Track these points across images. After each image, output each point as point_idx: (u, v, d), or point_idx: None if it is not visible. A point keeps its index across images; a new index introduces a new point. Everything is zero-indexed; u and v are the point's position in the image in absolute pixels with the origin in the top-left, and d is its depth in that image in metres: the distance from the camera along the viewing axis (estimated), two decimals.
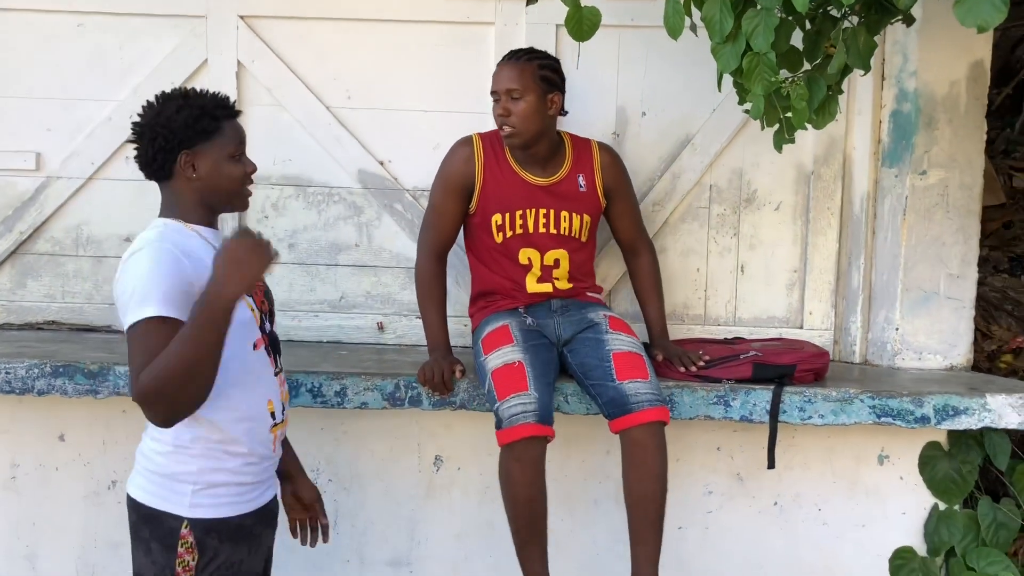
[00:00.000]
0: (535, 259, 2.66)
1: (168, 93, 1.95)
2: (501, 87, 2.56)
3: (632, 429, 2.42)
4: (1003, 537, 2.88)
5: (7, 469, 2.94)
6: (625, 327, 2.64)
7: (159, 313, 1.75)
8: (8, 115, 3.07)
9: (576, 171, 2.67)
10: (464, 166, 2.66)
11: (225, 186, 1.94)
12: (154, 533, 1.88)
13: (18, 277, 3.12)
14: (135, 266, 1.80)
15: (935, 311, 2.97)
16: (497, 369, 2.47)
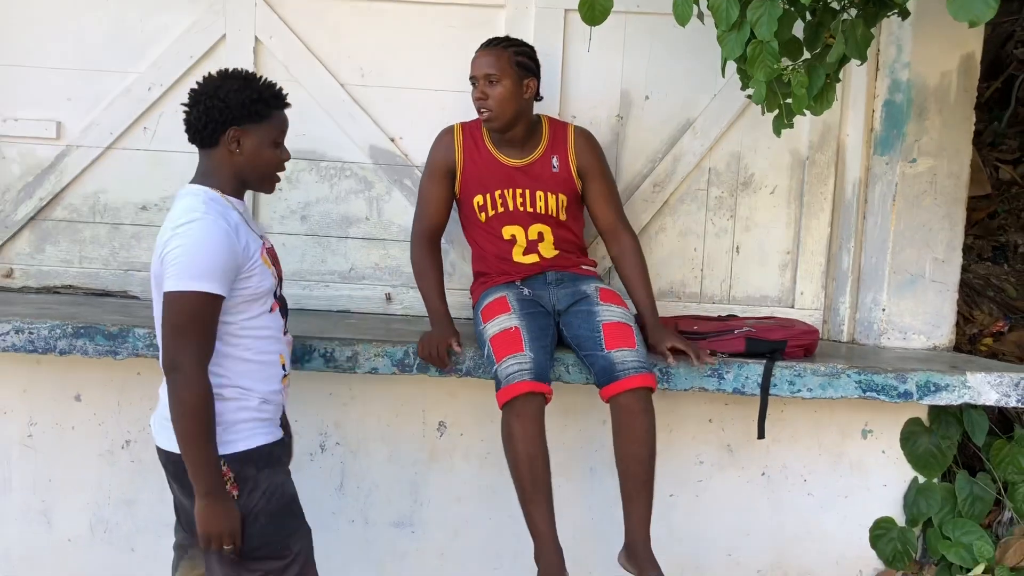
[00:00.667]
0: (519, 234, 2.76)
1: (231, 71, 2.09)
2: (479, 72, 2.66)
3: (620, 395, 2.52)
4: (979, 509, 3.02)
5: (25, 428, 3.03)
6: (616, 298, 2.73)
7: (208, 290, 1.90)
8: (30, 85, 3.14)
9: (551, 153, 2.76)
10: (445, 152, 2.78)
11: (261, 168, 2.08)
12: (180, 474, 2.00)
13: (37, 242, 3.20)
14: (191, 235, 1.92)
15: (920, 293, 3.09)
16: (495, 335, 2.58)
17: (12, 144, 3.17)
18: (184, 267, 1.90)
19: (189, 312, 1.90)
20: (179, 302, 1.90)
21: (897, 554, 3.04)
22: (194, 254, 1.90)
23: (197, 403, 1.91)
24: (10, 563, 3.06)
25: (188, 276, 1.89)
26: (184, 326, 1.91)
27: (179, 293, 1.90)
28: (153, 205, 3.18)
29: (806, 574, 3.12)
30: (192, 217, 1.95)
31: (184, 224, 1.94)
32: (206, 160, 2.07)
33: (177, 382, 1.91)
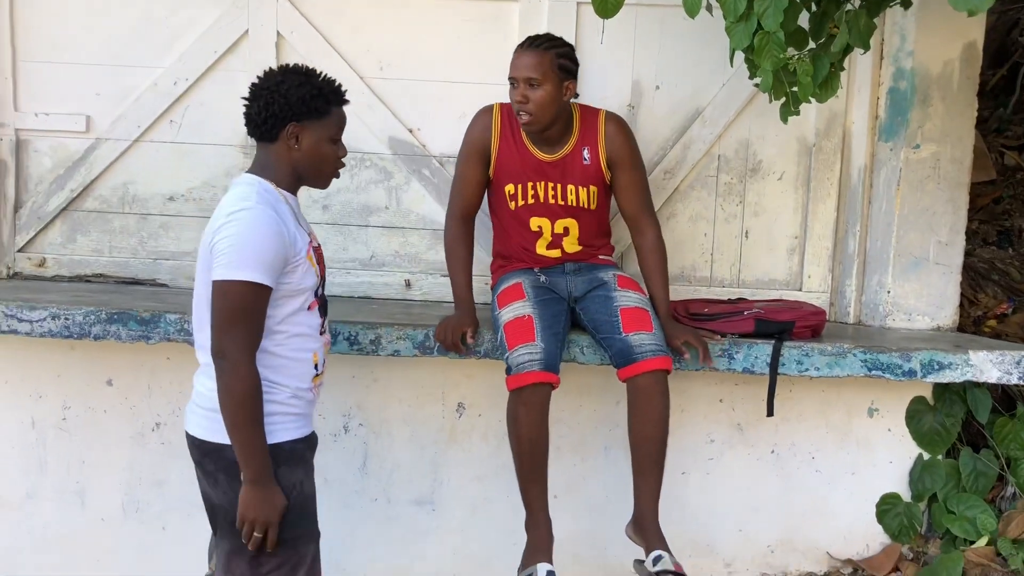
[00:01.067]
0: (545, 227, 2.79)
1: (291, 67, 2.10)
2: (520, 75, 2.62)
3: (637, 377, 2.61)
4: (982, 484, 3.11)
5: (59, 411, 3.15)
6: (633, 284, 2.78)
7: (257, 280, 1.92)
8: (60, 80, 3.24)
9: (581, 145, 2.76)
10: (482, 134, 2.79)
11: (318, 164, 2.09)
12: (219, 465, 2.02)
13: (68, 232, 3.31)
14: (242, 224, 1.94)
15: (924, 276, 3.18)
16: (508, 322, 2.65)
17: (43, 138, 3.27)
18: (234, 256, 1.91)
19: (238, 301, 1.92)
20: (229, 291, 1.92)
21: (903, 528, 3.13)
22: (244, 244, 1.92)
23: (245, 391, 1.92)
24: (46, 541, 3.18)
25: (238, 266, 1.91)
26: (233, 315, 1.92)
27: (229, 282, 1.92)
28: (180, 196, 3.28)
29: (814, 549, 3.21)
30: (244, 206, 1.96)
31: (235, 212, 1.95)
32: (264, 153, 2.09)
33: (225, 370, 1.93)
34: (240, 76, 3.20)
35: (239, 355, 1.92)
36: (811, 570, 3.22)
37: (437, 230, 3.28)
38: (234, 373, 1.92)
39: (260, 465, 1.95)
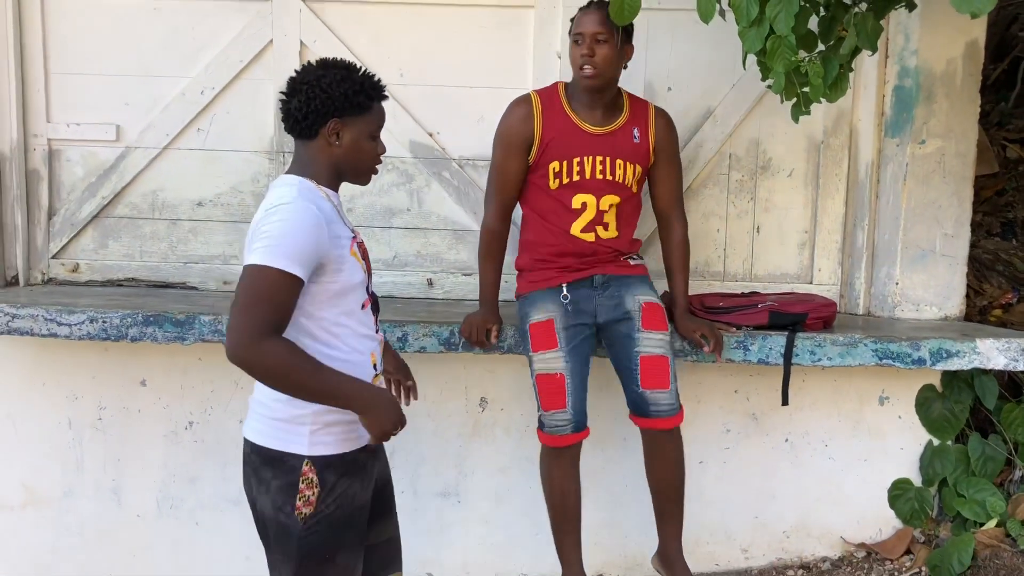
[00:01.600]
0: (590, 203, 2.73)
1: (330, 61, 2.02)
2: (587, 29, 2.62)
3: (651, 430, 2.73)
4: (990, 468, 3.20)
5: (95, 411, 3.25)
6: (658, 319, 2.73)
7: (289, 269, 1.83)
8: (91, 91, 3.34)
9: (632, 124, 2.76)
10: (522, 124, 2.74)
11: (359, 160, 2.04)
12: (276, 473, 1.96)
13: (100, 238, 3.40)
14: (280, 217, 1.87)
15: (931, 267, 3.27)
16: (541, 375, 2.69)
17: (75, 147, 3.36)
18: (268, 246, 1.84)
19: (265, 286, 1.82)
20: (256, 275, 1.83)
21: (914, 513, 3.23)
22: (281, 234, 1.85)
23: (282, 361, 1.82)
24: (84, 537, 3.29)
25: (270, 254, 1.83)
26: (251, 300, 1.82)
27: (259, 267, 1.83)
28: (208, 201, 3.38)
29: (828, 534, 3.31)
30: (283, 201, 1.90)
31: (275, 207, 1.90)
32: (303, 151, 2.02)
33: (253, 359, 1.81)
34: (265, 85, 3.31)
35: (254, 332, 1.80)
36: (826, 554, 3.32)
37: (458, 231, 3.38)
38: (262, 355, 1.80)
39: (357, 393, 1.91)
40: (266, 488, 1.98)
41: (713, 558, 3.31)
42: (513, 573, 3.31)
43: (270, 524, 1.99)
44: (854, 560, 3.26)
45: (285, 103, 2.00)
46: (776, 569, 3.30)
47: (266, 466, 1.98)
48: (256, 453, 2.00)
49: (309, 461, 1.94)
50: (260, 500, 2.00)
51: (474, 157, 3.34)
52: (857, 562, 3.25)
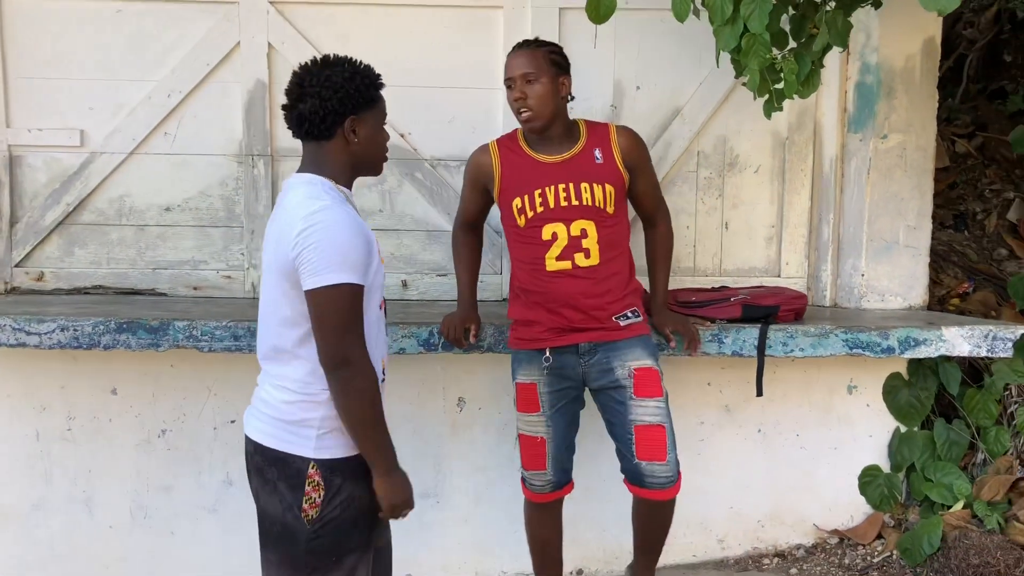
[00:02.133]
0: (560, 232, 2.61)
1: (331, 59, 1.99)
2: (516, 73, 2.60)
3: (647, 500, 2.67)
4: (955, 453, 3.30)
5: (64, 422, 3.19)
6: (652, 387, 2.63)
7: (354, 281, 1.86)
8: (53, 96, 3.27)
9: (592, 146, 2.67)
10: (478, 171, 2.75)
11: (376, 152, 2.05)
12: (281, 474, 1.95)
13: (66, 246, 3.33)
14: (329, 226, 1.85)
15: (895, 258, 3.36)
16: (523, 435, 2.73)
17: (37, 153, 3.30)
18: (327, 261, 1.83)
19: (345, 305, 1.85)
20: (333, 298, 1.85)
21: (884, 498, 3.32)
22: (334, 246, 1.84)
23: (374, 390, 1.90)
24: (54, 550, 3.22)
25: (334, 269, 1.83)
26: (344, 320, 1.85)
27: (330, 288, 1.84)
28: (176, 206, 3.33)
29: (802, 522, 3.39)
30: (320, 206, 1.87)
31: (314, 214, 1.86)
32: (317, 152, 1.99)
33: (352, 376, 1.87)
34: (233, 87, 3.28)
35: (361, 355, 1.88)
36: (800, 542, 3.39)
37: (431, 231, 3.39)
38: (362, 376, 1.88)
39: (391, 455, 1.97)
40: (272, 488, 1.98)
41: (690, 550, 3.36)
42: (493, 571, 3.32)
43: (275, 523, 1.98)
44: (827, 546, 3.33)
45: (292, 108, 1.97)
46: (752, 558, 3.36)
47: (271, 466, 1.98)
48: (260, 453, 2.00)
49: (315, 464, 1.94)
50: (264, 498, 2.00)
51: (446, 157, 3.35)
52: (831, 548, 3.32)
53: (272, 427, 1.97)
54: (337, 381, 1.88)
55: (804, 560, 3.31)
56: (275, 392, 1.98)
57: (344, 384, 1.88)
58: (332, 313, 1.85)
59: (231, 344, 2.87)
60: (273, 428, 1.97)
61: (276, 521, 1.97)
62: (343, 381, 1.88)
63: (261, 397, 2.02)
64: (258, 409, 2.02)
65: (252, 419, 2.03)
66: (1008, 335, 3.03)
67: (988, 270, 4.02)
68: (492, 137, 3.30)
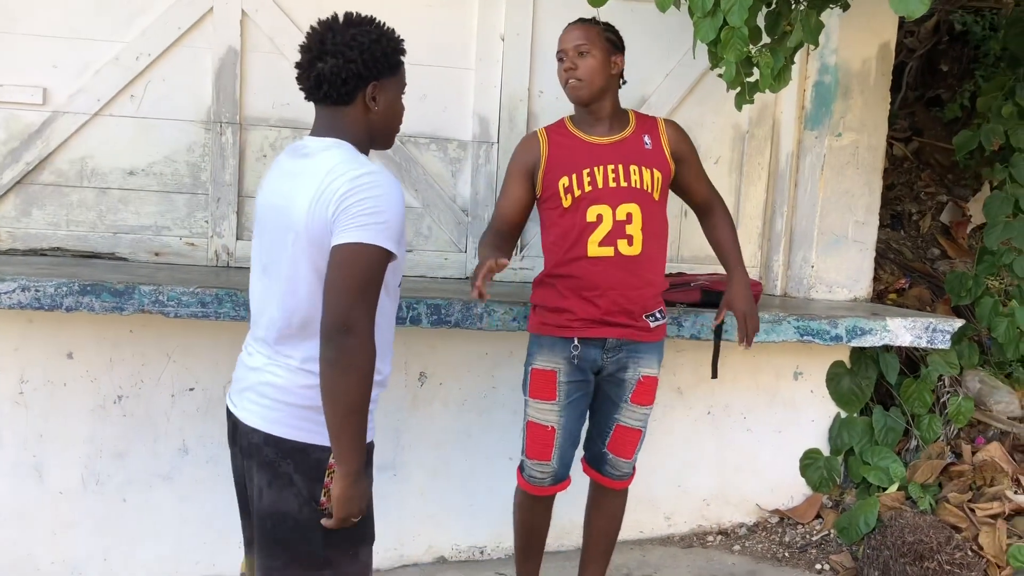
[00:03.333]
0: (606, 214, 2.57)
1: (356, 17, 1.85)
2: (569, 44, 2.58)
3: (602, 485, 2.79)
4: (891, 438, 3.48)
5: (15, 385, 3.12)
6: (647, 395, 2.70)
7: (392, 249, 1.74)
8: (15, 51, 3.18)
9: (641, 132, 2.66)
10: (528, 154, 2.68)
11: (392, 123, 1.93)
12: (299, 466, 1.80)
13: (23, 206, 3.26)
14: (378, 188, 1.74)
15: (844, 252, 3.52)
16: (533, 423, 2.67)
17: None
18: (373, 219, 1.70)
19: (374, 269, 1.71)
20: (365, 257, 1.70)
21: (823, 480, 3.48)
22: (384, 209, 1.72)
23: (370, 369, 1.71)
24: (1, 515, 3.15)
25: (376, 230, 1.70)
26: (364, 284, 1.70)
27: (367, 247, 1.69)
28: (140, 170, 3.29)
29: (745, 501, 3.53)
30: (369, 168, 1.76)
31: (365, 174, 1.74)
32: (334, 117, 1.85)
33: (351, 347, 1.68)
34: (204, 53, 3.25)
35: (368, 328, 1.70)
36: (742, 520, 3.53)
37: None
38: (363, 349, 1.69)
39: (362, 455, 1.76)
40: (285, 482, 1.80)
41: (638, 526, 3.47)
42: (446, 545, 3.38)
43: (286, 520, 1.81)
44: (769, 525, 3.48)
45: (308, 67, 1.82)
46: (696, 535, 3.49)
47: (286, 459, 1.80)
48: (272, 445, 1.81)
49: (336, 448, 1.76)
50: (274, 495, 1.82)
51: (416, 134, 3.38)
52: (771, 527, 3.47)
53: (286, 415, 1.81)
54: (333, 349, 1.68)
55: (746, 538, 3.45)
56: (290, 376, 1.82)
57: (340, 354, 1.68)
58: (354, 272, 1.69)
59: (198, 311, 2.85)
60: (290, 417, 1.81)
61: (288, 518, 1.81)
62: (340, 350, 1.67)
63: (267, 382, 1.84)
64: (264, 395, 1.84)
65: (255, 407, 1.86)
66: (946, 328, 3.21)
67: (923, 268, 4.23)
68: (463, 115, 3.41)
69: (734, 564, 3.30)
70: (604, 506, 2.84)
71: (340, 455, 1.72)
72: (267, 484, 1.83)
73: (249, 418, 1.86)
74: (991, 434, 3.52)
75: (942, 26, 5.21)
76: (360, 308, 1.69)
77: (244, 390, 1.91)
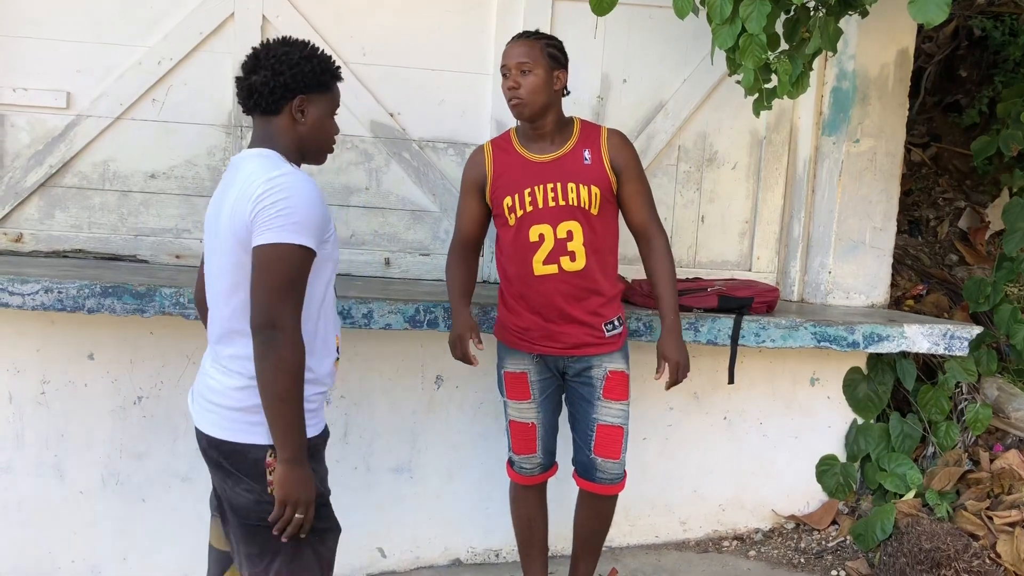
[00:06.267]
0: (547, 234, 2.63)
1: (292, 40, 2.00)
2: (512, 62, 2.60)
3: (593, 494, 2.79)
4: (908, 445, 3.47)
5: (37, 385, 3.16)
6: (619, 390, 2.70)
7: (309, 245, 1.83)
8: (40, 56, 3.24)
9: (582, 146, 2.67)
10: (476, 170, 2.75)
11: (320, 138, 2.02)
12: (240, 466, 1.90)
13: (46, 208, 3.30)
14: (290, 188, 1.83)
15: (861, 257, 3.51)
16: (514, 422, 2.79)
17: (21, 113, 3.26)
18: (286, 220, 1.79)
19: (293, 267, 1.81)
20: (283, 256, 1.80)
21: (839, 486, 3.47)
22: (296, 207, 1.81)
23: (297, 363, 1.81)
24: (22, 514, 3.19)
25: (291, 229, 1.79)
26: (288, 282, 1.81)
27: (283, 246, 1.80)
28: (161, 173, 3.33)
29: (761, 506, 3.52)
30: (283, 171, 1.86)
31: (276, 177, 1.84)
32: (265, 127, 1.98)
33: (277, 341, 1.79)
34: (225, 58, 3.29)
35: (293, 324, 1.81)
36: (758, 526, 3.53)
37: (415, 211, 3.44)
38: (289, 344, 1.80)
39: (302, 443, 1.85)
40: (236, 480, 1.92)
41: (653, 530, 3.48)
42: (462, 547, 3.39)
43: (250, 514, 1.92)
44: (784, 531, 3.48)
45: (245, 79, 1.97)
46: (712, 540, 3.49)
47: (228, 460, 1.92)
48: (215, 447, 1.94)
49: (272, 451, 1.88)
50: (231, 491, 1.94)
51: (434, 139, 3.41)
52: (787, 532, 3.47)
53: (222, 417, 1.92)
54: (261, 344, 1.80)
55: (762, 543, 3.45)
56: (223, 378, 1.93)
57: (267, 349, 1.79)
58: (276, 272, 1.80)
59: None
60: (224, 419, 1.91)
61: (251, 512, 1.91)
62: (267, 346, 1.79)
63: (208, 385, 1.96)
64: (205, 399, 1.96)
65: (201, 411, 1.97)
66: (965, 335, 3.20)
67: (940, 274, 4.21)
68: (481, 120, 3.43)
69: (749, 570, 3.29)
70: (594, 507, 2.85)
71: (276, 442, 1.84)
72: (222, 481, 1.97)
73: (197, 421, 1.99)
74: (1009, 441, 3.50)
75: (961, 31, 5.19)
76: (283, 306, 1.81)
77: (195, 393, 2.03)
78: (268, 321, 1.80)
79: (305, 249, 1.83)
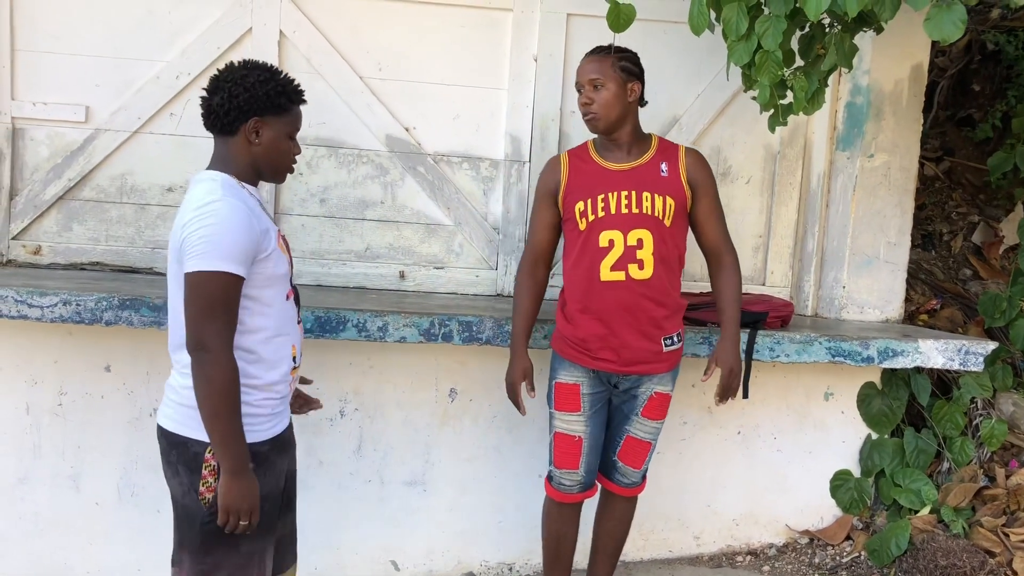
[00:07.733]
0: (617, 240, 2.63)
1: (254, 63, 2.10)
2: (584, 78, 2.64)
3: (612, 493, 2.88)
4: (923, 461, 3.46)
5: (54, 396, 3.18)
6: (659, 411, 2.76)
7: (230, 270, 1.93)
8: (59, 70, 3.27)
9: (659, 159, 2.69)
10: (551, 176, 2.76)
11: (276, 159, 2.10)
12: (181, 457, 2.04)
13: (64, 221, 3.33)
14: (213, 216, 1.93)
15: (875, 272, 3.51)
16: (560, 434, 2.76)
17: (40, 127, 3.29)
18: (208, 248, 1.91)
19: (215, 292, 1.92)
20: (205, 282, 1.91)
21: (853, 502, 3.46)
22: (217, 235, 1.91)
23: (225, 381, 1.92)
24: (38, 524, 3.21)
25: (212, 257, 1.91)
26: (210, 306, 1.92)
27: (205, 273, 1.91)
28: (178, 187, 3.35)
29: (774, 522, 3.52)
30: (211, 199, 1.96)
31: (203, 206, 1.94)
32: (223, 147, 2.08)
33: (205, 361, 1.92)
34: None
35: (220, 345, 1.93)
36: (772, 541, 3.52)
37: (430, 225, 3.46)
38: (215, 364, 1.92)
39: (240, 455, 1.96)
40: (174, 470, 2.07)
41: (667, 544, 3.47)
42: (475, 561, 3.39)
43: (178, 505, 2.08)
44: (798, 546, 3.47)
45: (206, 100, 2.07)
46: (725, 555, 3.48)
47: (172, 449, 2.06)
48: (163, 436, 2.09)
49: (211, 448, 1.99)
50: (169, 480, 2.10)
51: (449, 153, 3.42)
52: (801, 548, 3.46)
53: (174, 411, 2.06)
54: (194, 364, 1.94)
55: (776, 559, 3.44)
56: (179, 378, 2.06)
57: (198, 368, 1.93)
58: (199, 297, 1.92)
59: None
60: (175, 412, 2.06)
61: (179, 503, 2.07)
62: (198, 365, 1.93)
63: (168, 383, 2.11)
64: (166, 394, 2.11)
65: (161, 405, 2.13)
66: (980, 350, 3.20)
67: (954, 289, 4.20)
68: (496, 135, 3.45)
69: None
70: (613, 509, 2.91)
71: (216, 454, 1.98)
72: (164, 470, 2.12)
73: (157, 415, 2.14)
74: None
75: (974, 45, 5.19)
76: (209, 328, 1.92)
77: None
78: (197, 343, 1.93)
79: (229, 275, 1.93)
